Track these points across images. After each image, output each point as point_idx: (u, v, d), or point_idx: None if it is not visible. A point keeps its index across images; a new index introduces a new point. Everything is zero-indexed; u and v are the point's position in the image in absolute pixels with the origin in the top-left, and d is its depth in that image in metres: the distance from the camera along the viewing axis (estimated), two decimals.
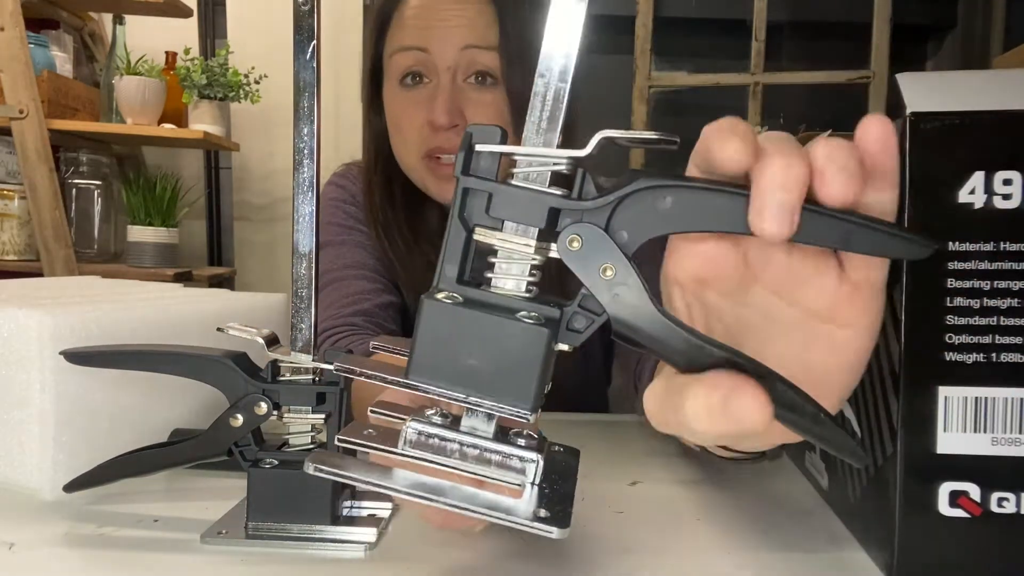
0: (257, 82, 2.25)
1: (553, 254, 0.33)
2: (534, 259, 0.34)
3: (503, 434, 0.37)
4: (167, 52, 2.31)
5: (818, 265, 0.34)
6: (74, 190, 2.19)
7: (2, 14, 1.88)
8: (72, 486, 0.51)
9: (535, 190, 0.33)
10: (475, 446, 0.36)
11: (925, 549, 0.42)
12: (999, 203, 0.40)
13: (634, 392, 0.74)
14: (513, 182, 0.33)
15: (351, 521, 0.50)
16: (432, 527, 0.42)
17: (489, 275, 0.34)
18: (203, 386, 0.50)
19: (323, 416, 0.50)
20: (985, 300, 0.41)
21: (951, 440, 0.41)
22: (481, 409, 0.34)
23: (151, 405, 0.61)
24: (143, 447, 0.51)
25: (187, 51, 2.20)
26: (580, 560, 0.47)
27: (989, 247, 0.40)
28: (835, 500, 0.55)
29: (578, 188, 0.33)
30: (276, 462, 0.49)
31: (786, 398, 0.31)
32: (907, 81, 0.42)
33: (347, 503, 0.52)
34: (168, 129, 2.15)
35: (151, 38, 2.36)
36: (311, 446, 0.50)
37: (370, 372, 0.36)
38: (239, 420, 0.49)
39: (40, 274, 1.98)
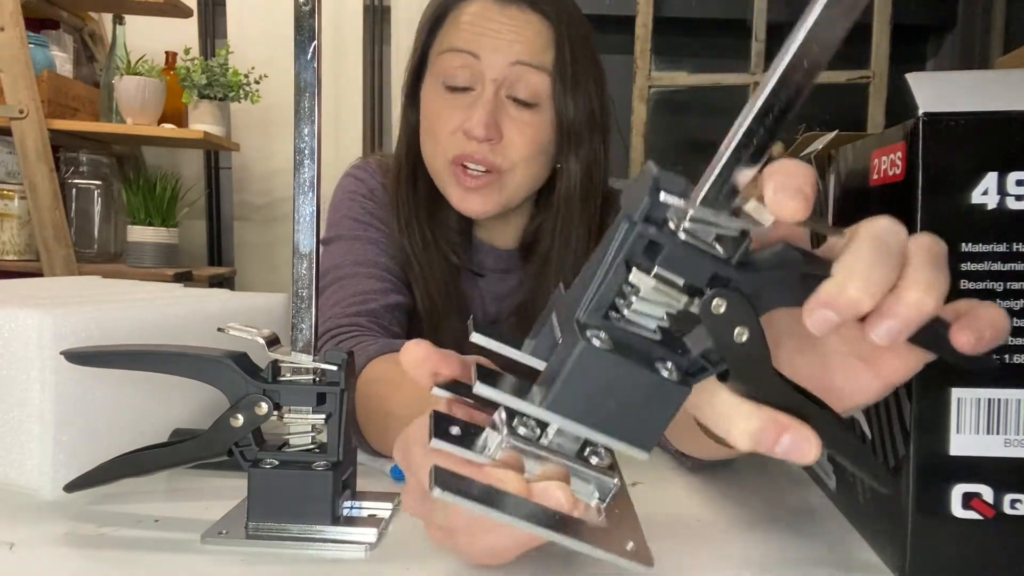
0: (257, 82, 2.24)
1: (693, 308, 0.34)
2: (671, 309, 0.34)
3: (580, 449, 0.38)
4: (167, 52, 2.30)
5: None
6: (74, 190, 2.19)
7: (2, 14, 1.88)
8: (72, 486, 0.51)
9: (703, 251, 0.33)
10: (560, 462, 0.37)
11: (938, 551, 0.42)
12: (1012, 204, 0.40)
13: None
14: (683, 237, 0.33)
15: (351, 521, 0.49)
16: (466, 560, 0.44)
17: (623, 308, 0.34)
18: (203, 386, 0.49)
19: (323, 416, 0.49)
20: (998, 301, 0.40)
21: (964, 442, 0.41)
22: (603, 443, 0.35)
23: (151, 405, 0.61)
24: (143, 447, 0.50)
25: (187, 51, 2.20)
26: (580, 560, 0.46)
27: (1002, 248, 0.40)
28: (843, 501, 0.54)
29: (739, 255, 0.33)
30: (276, 462, 0.48)
31: (832, 435, 0.35)
32: (917, 81, 0.41)
33: (347, 503, 0.51)
34: (168, 129, 2.15)
35: (151, 38, 2.36)
36: (311, 446, 0.50)
37: (511, 399, 0.36)
38: (239, 420, 0.48)
39: (40, 274, 1.98)
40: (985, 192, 0.40)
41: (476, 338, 0.38)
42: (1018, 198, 0.40)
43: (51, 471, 0.53)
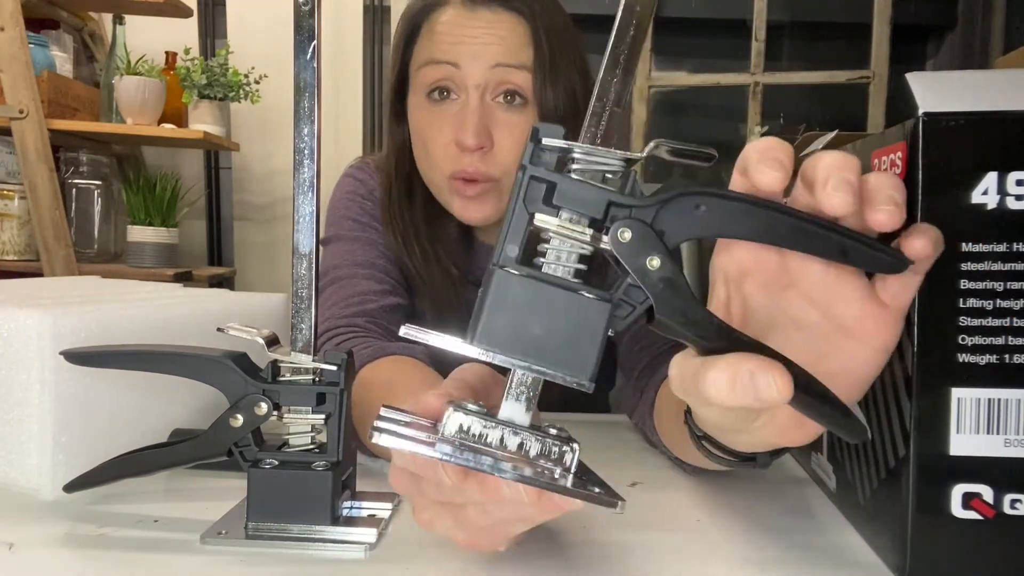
0: (257, 82, 2.24)
1: (603, 245, 0.36)
2: (583, 248, 0.36)
3: (535, 425, 0.38)
4: (167, 52, 2.30)
5: (851, 283, 0.38)
6: (74, 190, 2.19)
7: (2, 14, 1.88)
8: (72, 486, 0.51)
9: (595, 185, 0.36)
10: (515, 435, 0.37)
11: (938, 551, 0.42)
12: (1012, 204, 0.40)
13: (636, 401, 0.74)
14: (573, 176, 0.36)
15: (351, 521, 0.49)
16: (458, 542, 0.42)
17: (540, 260, 0.36)
18: (203, 386, 0.49)
19: (323, 416, 0.49)
20: (998, 301, 0.40)
21: (964, 442, 0.41)
22: (543, 376, 0.36)
23: (151, 405, 0.61)
24: (143, 447, 0.50)
25: (187, 51, 2.20)
26: (580, 561, 0.46)
27: (1002, 248, 0.40)
28: (843, 501, 0.54)
29: (629, 187, 0.36)
30: (276, 462, 0.48)
31: (800, 381, 0.35)
32: (917, 81, 0.41)
33: (347, 503, 0.51)
34: (168, 129, 2.15)
35: (151, 38, 2.36)
36: (311, 446, 0.50)
37: (437, 336, 0.37)
38: (239, 420, 0.48)
39: (40, 274, 1.98)
40: (985, 192, 0.40)
41: (404, 331, 0.38)
42: (1018, 198, 0.40)
43: (51, 471, 0.53)
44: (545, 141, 0.36)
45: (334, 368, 0.49)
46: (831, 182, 0.35)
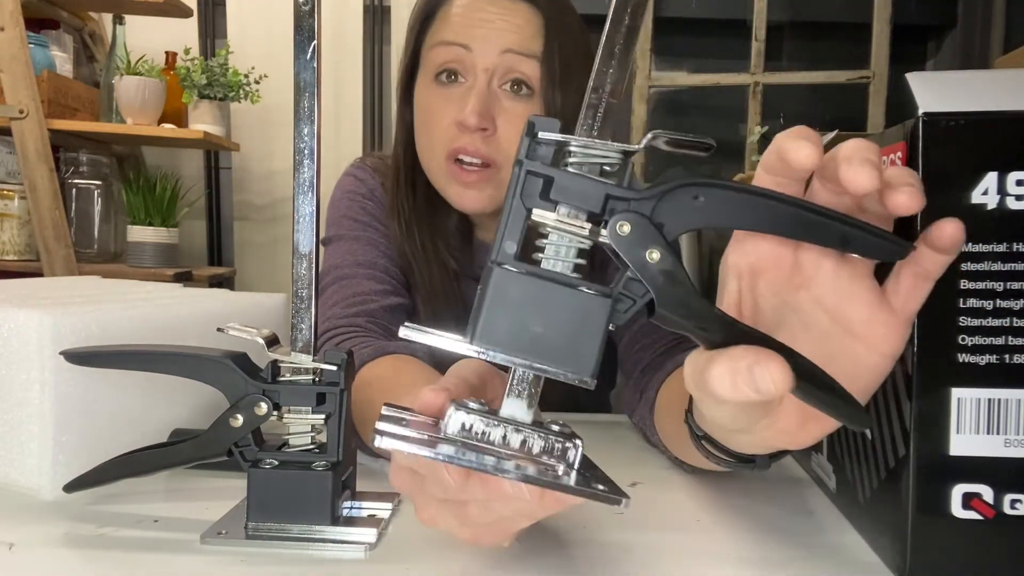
0: (257, 82, 2.24)
1: (602, 238, 0.35)
2: (582, 243, 0.36)
3: (538, 422, 0.38)
4: (167, 52, 2.30)
5: (863, 286, 0.38)
6: (74, 190, 2.19)
7: (2, 14, 1.88)
8: (72, 486, 0.51)
9: (592, 178, 0.36)
10: (518, 432, 0.37)
11: (938, 551, 0.42)
12: (1012, 204, 0.40)
13: (637, 401, 0.74)
14: (571, 170, 0.36)
15: (351, 521, 0.49)
16: (461, 539, 0.42)
17: (539, 256, 0.36)
18: (203, 386, 0.49)
19: (323, 416, 0.49)
20: (998, 301, 0.40)
21: (964, 442, 0.41)
22: (544, 373, 0.36)
23: (151, 405, 0.61)
24: (143, 447, 0.50)
25: (187, 51, 2.20)
26: (580, 561, 0.46)
27: (1002, 248, 0.40)
28: (843, 501, 0.54)
29: (627, 179, 0.36)
30: (276, 462, 0.48)
31: (804, 370, 0.35)
32: (917, 81, 0.41)
33: (347, 504, 0.51)
34: (168, 129, 2.15)
35: (151, 38, 2.36)
36: (311, 447, 0.50)
37: (436, 335, 0.36)
38: (239, 420, 0.48)
39: (40, 274, 1.98)
40: (985, 192, 0.40)
41: (403, 331, 0.38)
42: (1018, 198, 0.40)
43: (51, 471, 0.53)
44: (541, 135, 0.35)
45: (334, 368, 0.49)
46: (856, 160, 0.34)
